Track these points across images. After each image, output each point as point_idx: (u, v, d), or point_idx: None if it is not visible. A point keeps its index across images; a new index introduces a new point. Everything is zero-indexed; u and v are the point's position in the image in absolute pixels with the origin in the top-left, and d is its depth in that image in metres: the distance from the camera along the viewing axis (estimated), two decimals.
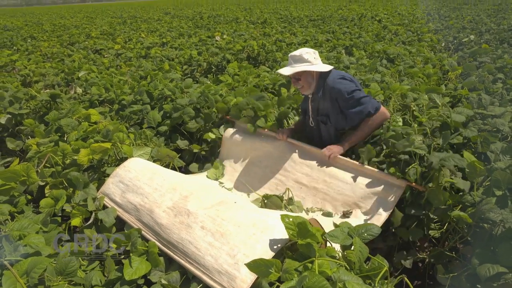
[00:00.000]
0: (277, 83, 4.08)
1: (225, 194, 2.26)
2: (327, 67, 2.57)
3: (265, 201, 2.45)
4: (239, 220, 1.71)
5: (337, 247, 1.67)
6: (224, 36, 10.09)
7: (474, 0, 28.74)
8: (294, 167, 2.65)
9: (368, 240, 1.60)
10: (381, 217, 2.14)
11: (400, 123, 2.60)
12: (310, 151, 2.67)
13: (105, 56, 8.46)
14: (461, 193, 2.06)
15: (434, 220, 2.20)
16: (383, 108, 2.55)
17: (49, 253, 1.66)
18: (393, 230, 2.22)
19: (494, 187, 1.78)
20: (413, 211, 2.11)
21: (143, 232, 1.90)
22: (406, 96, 3.16)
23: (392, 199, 2.16)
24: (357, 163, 2.40)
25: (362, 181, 2.33)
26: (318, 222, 1.94)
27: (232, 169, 2.95)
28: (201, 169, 3.10)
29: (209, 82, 4.49)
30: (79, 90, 5.06)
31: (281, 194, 2.49)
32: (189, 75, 6.67)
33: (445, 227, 2.13)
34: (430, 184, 2.07)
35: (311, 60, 2.52)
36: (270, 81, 4.16)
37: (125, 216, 2.03)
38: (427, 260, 2.16)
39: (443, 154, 2.05)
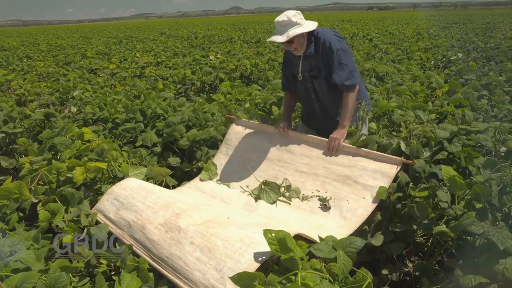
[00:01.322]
0: (268, 101, 4.16)
1: (217, 211, 2.29)
2: (314, 23, 2.62)
3: (263, 187, 2.53)
4: (227, 235, 1.75)
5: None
6: (218, 56, 10.25)
7: (464, 19, 29.42)
8: (294, 159, 2.73)
9: (351, 252, 1.64)
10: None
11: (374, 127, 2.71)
12: (311, 141, 2.76)
13: (100, 75, 8.56)
14: (443, 207, 2.11)
15: (420, 234, 2.24)
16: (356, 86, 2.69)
17: (40, 269, 1.68)
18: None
19: (474, 200, 1.84)
20: (398, 226, 2.15)
21: (134, 248, 1.93)
22: (394, 112, 3.25)
23: (390, 172, 2.26)
24: (355, 147, 2.51)
25: (360, 161, 2.43)
26: (305, 235, 1.98)
27: (229, 164, 2.98)
28: None
29: (201, 100, 4.56)
30: (74, 109, 5.11)
31: (280, 183, 2.59)
32: (183, 94, 6.76)
33: (430, 240, 2.18)
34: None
35: (299, 22, 2.54)
36: (262, 99, 4.25)
37: (118, 232, 2.06)
38: (413, 273, 2.19)
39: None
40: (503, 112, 3.46)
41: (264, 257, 1.60)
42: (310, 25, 2.58)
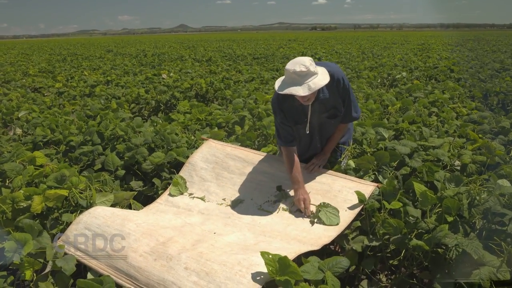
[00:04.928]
0: (230, 121, 4.14)
1: (201, 228, 2.23)
2: (326, 71, 2.38)
3: (321, 209, 2.33)
4: (224, 260, 1.71)
5: None
6: (171, 74, 10.10)
7: (401, 40, 31.48)
8: (271, 176, 2.73)
9: (338, 273, 1.64)
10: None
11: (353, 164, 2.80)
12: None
13: (46, 94, 8.10)
14: (414, 221, 2.19)
15: (392, 248, 2.30)
16: None
17: None
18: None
19: (445, 214, 1.92)
20: (373, 242, 2.20)
21: (113, 277, 1.80)
22: (355, 130, 3.35)
23: (367, 189, 2.34)
24: (333, 171, 2.63)
25: (338, 181, 2.53)
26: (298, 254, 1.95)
27: (201, 179, 2.88)
28: None
29: (161, 121, 4.45)
30: (19, 131, 4.78)
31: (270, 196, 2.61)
32: (137, 114, 6.56)
33: (402, 254, 2.24)
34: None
35: (316, 71, 2.28)
36: (223, 119, 4.22)
37: (92, 263, 1.91)
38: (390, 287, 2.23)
39: None
40: (453, 128, 3.71)
41: (265, 279, 1.57)
42: (325, 73, 2.35)
